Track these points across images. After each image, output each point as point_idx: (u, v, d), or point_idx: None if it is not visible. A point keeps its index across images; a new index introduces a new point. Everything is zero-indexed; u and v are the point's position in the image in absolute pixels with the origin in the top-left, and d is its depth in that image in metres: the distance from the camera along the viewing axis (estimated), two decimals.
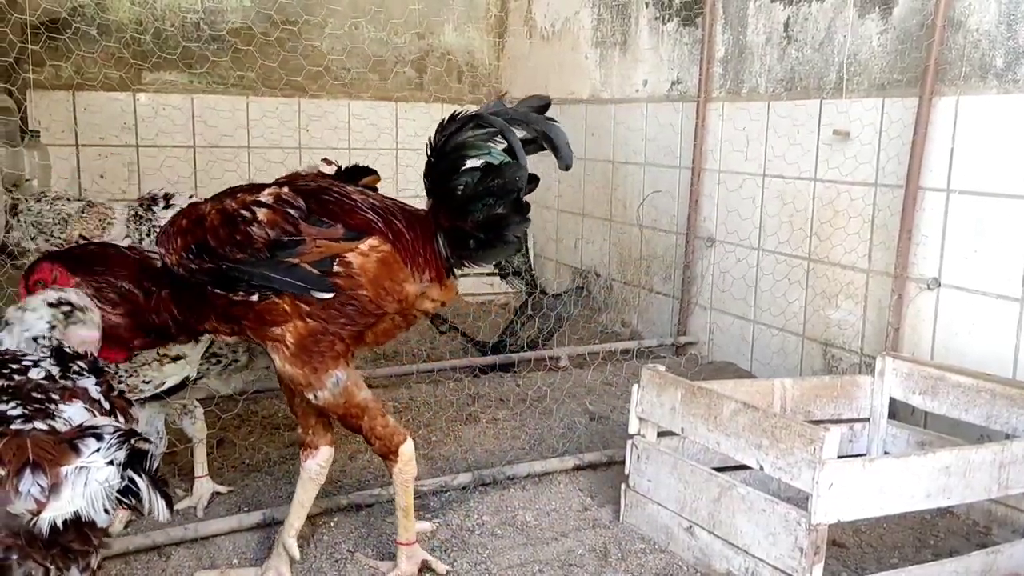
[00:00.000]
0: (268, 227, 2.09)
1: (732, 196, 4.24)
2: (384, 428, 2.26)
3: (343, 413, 2.23)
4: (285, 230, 2.09)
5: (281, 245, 2.08)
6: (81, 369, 1.69)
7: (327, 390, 2.18)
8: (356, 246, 2.12)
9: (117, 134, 5.11)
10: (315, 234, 2.10)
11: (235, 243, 2.09)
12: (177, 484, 2.88)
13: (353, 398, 2.21)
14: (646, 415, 2.66)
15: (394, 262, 2.15)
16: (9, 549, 1.31)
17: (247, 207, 2.11)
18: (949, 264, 3.22)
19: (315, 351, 2.14)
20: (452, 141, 2.12)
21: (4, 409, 1.43)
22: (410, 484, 2.32)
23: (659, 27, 4.71)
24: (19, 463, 1.29)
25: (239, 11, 5.36)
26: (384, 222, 2.17)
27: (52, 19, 4.84)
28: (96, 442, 1.34)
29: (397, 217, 2.21)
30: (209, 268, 2.10)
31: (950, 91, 3.19)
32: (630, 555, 2.55)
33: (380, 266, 2.13)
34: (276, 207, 2.11)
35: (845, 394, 2.98)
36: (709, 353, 4.45)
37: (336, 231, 2.11)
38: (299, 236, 2.09)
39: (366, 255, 2.12)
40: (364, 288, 2.12)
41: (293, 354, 2.14)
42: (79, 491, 1.31)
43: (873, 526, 2.75)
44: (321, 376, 2.16)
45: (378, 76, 5.78)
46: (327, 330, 2.13)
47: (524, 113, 2.12)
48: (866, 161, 3.53)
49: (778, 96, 3.96)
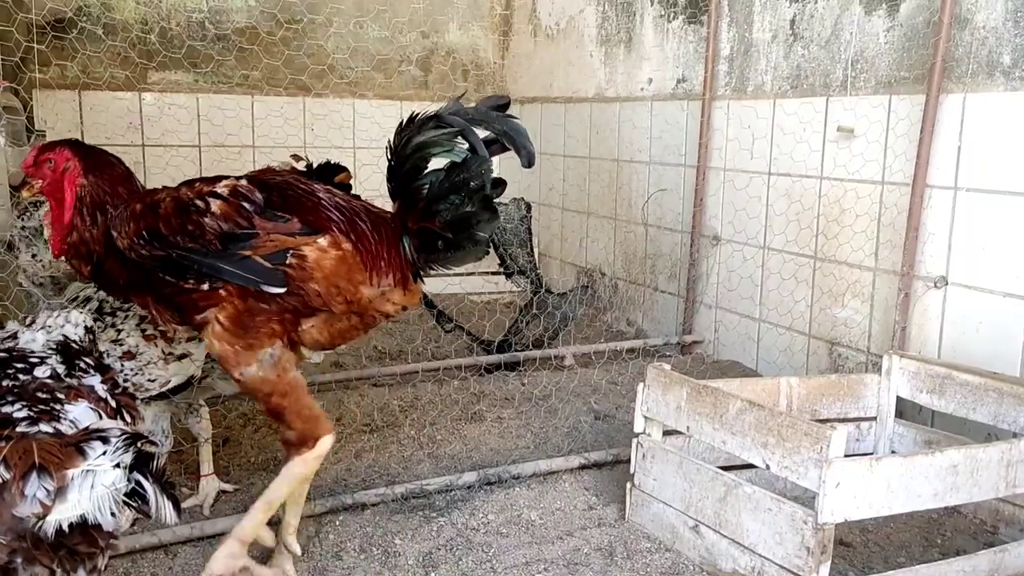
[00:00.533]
0: (221, 219, 2.06)
1: (738, 194, 4.22)
2: (311, 411, 2.18)
3: (269, 391, 2.14)
4: (238, 223, 2.06)
5: (234, 238, 2.06)
6: (87, 367, 1.69)
7: (255, 366, 2.12)
8: (313, 240, 2.09)
9: (123, 133, 5.12)
10: (269, 228, 2.07)
11: (186, 232, 2.06)
12: (183, 483, 2.89)
13: (285, 374, 2.15)
14: (652, 414, 2.65)
15: (353, 263, 2.12)
16: (14, 553, 1.31)
17: (202, 197, 2.09)
18: (956, 262, 3.20)
19: (250, 328, 2.10)
20: (413, 142, 2.10)
21: (9, 411, 1.43)
22: (298, 480, 2.21)
23: (664, 25, 4.70)
24: (25, 466, 1.28)
25: (244, 10, 5.36)
26: (347, 222, 2.15)
27: (58, 18, 4.85)
28: (102, 445, 1.34)
29: (361, 218, 2.18)
30: (159, 255, 2.07)
31: (957, 88, 3.17)
32: (636, 554, 2.54)
33: (337, 264, 2.10)
34: (231, 199, 2.08)
35: (852, 393, 2.97)
36: (715, 352, 4.44)
37: (292, 226, 2.09)
38: (252, 229, 2.06)
39: (324, 251, 2.10)
40: (316, 283, 2.09)
41: (226, 330, 2.10)
42: (85, 494, 1.30)
43: (880, 525, 2.74)
44: (254, 351, 2.11)
45: (383, 75, 5.78)
46: (262, 309, 2.09)
47: (484, 112, 2.09)
48: (873, 159, 3.52)
49: (784, 94, 3.94)
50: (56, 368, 1.63)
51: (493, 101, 2.13)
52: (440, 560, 2.47)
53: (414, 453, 3.20)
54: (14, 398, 1.47)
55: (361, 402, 3.62)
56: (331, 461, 3.07)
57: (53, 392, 1.54)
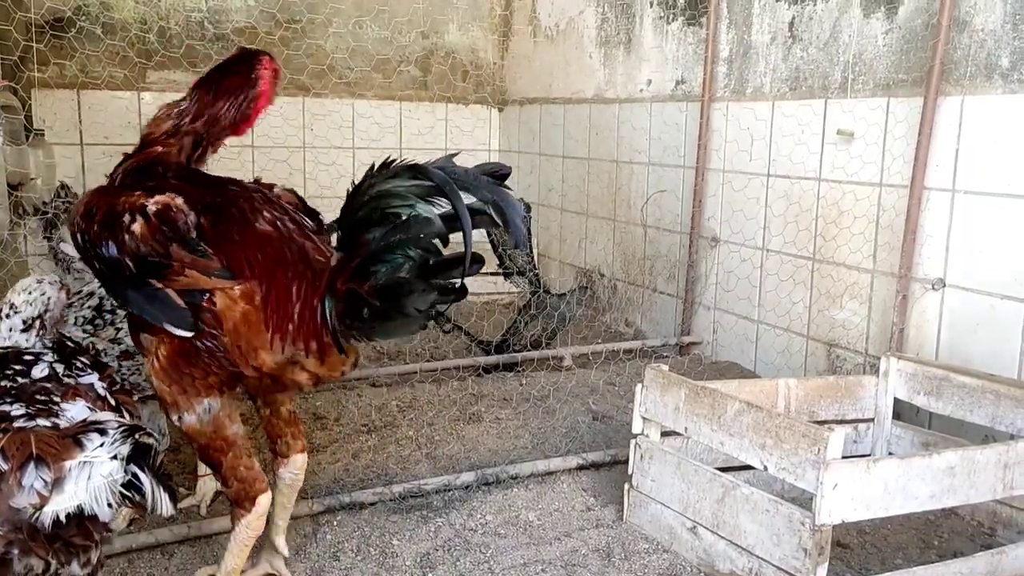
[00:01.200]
0: (140, 241, 1.82)
1: (736, 196, 4.23)
2: (248, 471, 2.00)
3: (205, 444, 1.97)
4: (154, 249, 1.82)
5: (147, 264, 1.83)
6: (84, 365, 1.69)
7: (195, 416, 1.93)
8: (229, 286, 1.84)
9: (121, 133, 5.10)
10: (187, 261, 1.83)
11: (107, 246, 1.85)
12: (180, 483, 2.89)
13: (222, 431, 1.96)
14: (650, 415, 2.66)
15: (255, 321, 1.85)
16: (11, 544, 1.32)
17: (130, 211, 1.85)
18: (954, 264, 3.21)
19: (186, 373, 1.89)
20: (376, 187, 1.81)
21: (8, 410, 1.44)
22: (250, 542, 2.06)
23: (663, 26, 4.70)
24: (22, 457, 1.29)
25: (243, 10, 5.36)
26: (265, 268, 1.87)
27: (57, 18, 4.85)
28: (100, 437, 1.35)
29: (288, 265, 1.90)
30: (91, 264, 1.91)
31: (955, 91, 3.18)
32: (634, 555, 2.54)
33: (241, 320, 1.85)
34: (153, 220, 1.84)
35: (849, 394, 2.97)
36: (713, 353, 4.44)
37: (211, 263, 1.84)
38: (168, 259, 1.83)
39: (234, 301, 1.84)
40: (226, 335, 1.85)
41: (163, 368, 1.90)
42: (82, 485, 1.31)
43: (877, 527, 2.74)
44: (190, 399, 1.91)
45: (382, 75, 5.79)
46: (200, 357, 1.88)
47: (474, 176, 1.77)
48: (871, 161, 3.52)
49: (783, 96, 3.95)
50: (54, 367, 1.64)
51: (491, 168, 1.82)
52: (438, 561, 2.47)
53: (412, 453, 3.20)
54: (12, 399, 1.48)
55: (359, 402, 3.62)
56: (329, 461, 3.08)
57: (50, 394, 1.55)
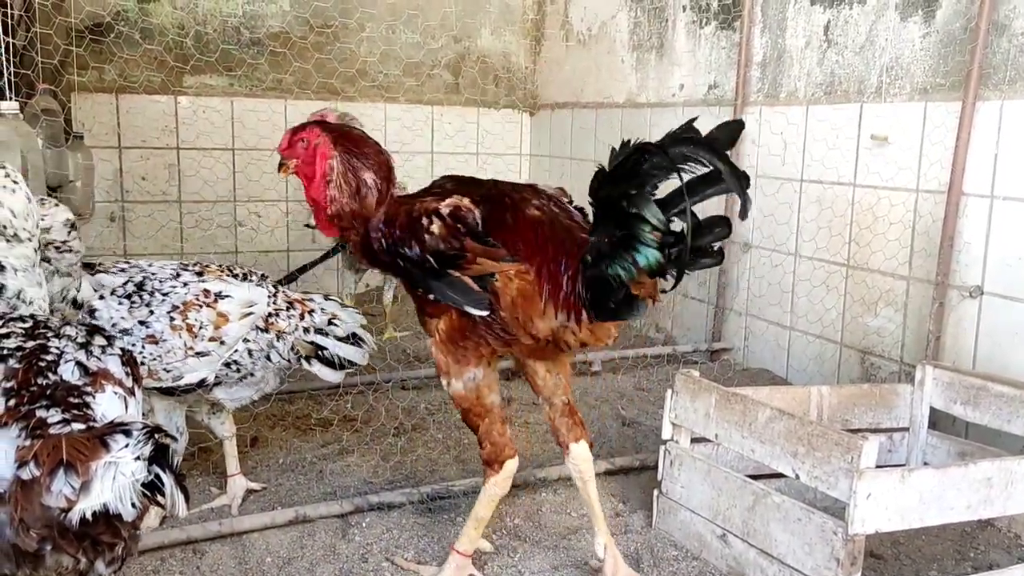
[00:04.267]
0: (439, 238, 2.11)
1: (769, 201, 4.19)
2: (500, 436, 2.28)
3: (468, 407, 2.26)
4: (452, 244, 2.10)
5: (444, 257, 2.10)
6: (102, 346, 1.72)
7: (461, 382, 2.22)
8: (516, 268, 2.10)
9: (158, 136, 5.19)
10: (479, 252, 2.10)
11: (411, 246, 2.14)
12: (212, 483, 2.92)
13: (482, 399, 2.25)
14: (680, 420, 2.64)
15: (532, 294, 2.10)
16: (44, 540, 1.36)
17: (427, 214, 2.14)
18: (992, 271, 3.15)
19: (460, 345, 2.18)
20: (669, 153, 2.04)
21: (45, 416, 1.48)
22: (496, 499, 2.31)
23: (696, 31, 4.68)
24: (53, 463, 1.33)
25: (278, 15, 5.42)
26: (537, 248, 2.11)
27: (96, 23, 4.93)
28: (125, 438, 1.39)
29: (557, 243, 2.12)
30: (395, 263, 2.19)
31: (994, 95, 3.13)
32: (662, 562, 2.52)
33: (517, 294, 2.10)
34: (448, 220, 2.12)
35: (884, 403, 2.93)
36: (744, 359, 4.40)
37: (499, 251, 2.10)
38: (463, 252, 2.10)
39: (509, 279, 2.10)
40: (504, 311, 2.11)
41: (442, 341, 2.20)
42: (107, 485, 1.35)
43: (912, 537, 2.70)
44: (461, 368, 2.21)
45: (414, 79, 5.81)
46: (475, 331, 2.15)
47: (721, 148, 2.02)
48: (907, 166, 3.47)
49: (817, 100, 3.91)
50: (79, 358, 1.66)
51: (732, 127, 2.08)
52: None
53: (440, 456, 3.20)
54: (48, 402, 1.52)
55: (389, 404, 3.64)
56: (358, 463, 3.09)
57: (82, 394, 1.58)
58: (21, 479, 1.34)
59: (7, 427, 1.44)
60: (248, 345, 2.58)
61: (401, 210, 2.19)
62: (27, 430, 1.43)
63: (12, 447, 1.40)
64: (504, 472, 2.28)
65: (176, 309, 2.48)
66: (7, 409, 1.48)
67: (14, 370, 1.56)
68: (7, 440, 1.42)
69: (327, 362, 2.70)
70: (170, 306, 2.48)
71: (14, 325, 1.73)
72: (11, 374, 1.55)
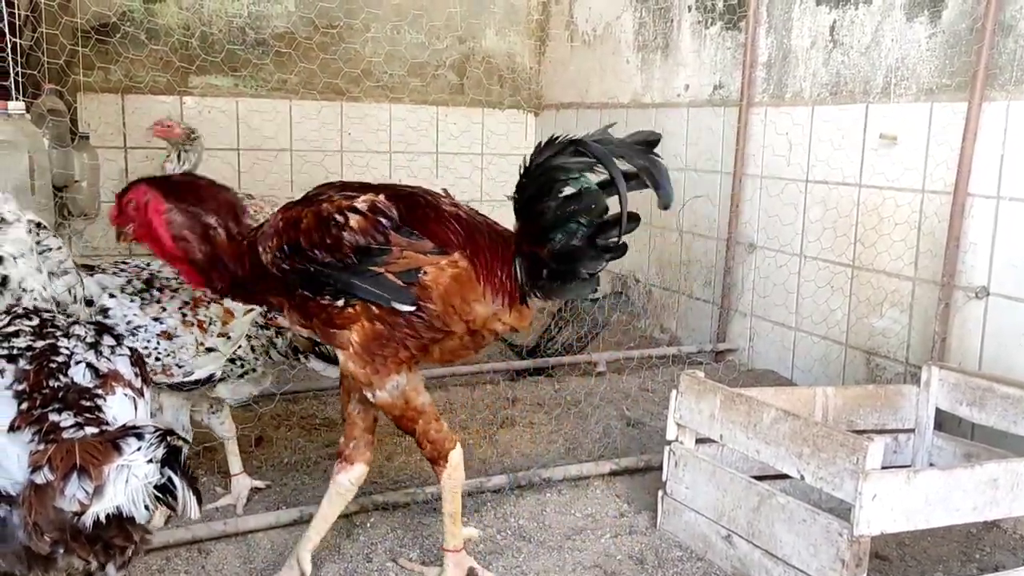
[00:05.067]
0: (359, 234, 2.07)
1: (774, 201, 4.19)
2: (437, 433, 2.26)
3: (399, 415, 2.23)
4: (374, 238, 2.08)
5: (368, 252, 2.07)
6: (112, 347, 1.72)
7: (386, 392, 2.18)
8: (439, 260, 2.09)
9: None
10: (404, 245, 2.08)
11: (325, 246, 2.08)
12: (216, 483, 2.92)
13: (411, 402, 2.21)
14: (684, 421, 2.64)
15: (468, 280, 2.11)
16: (57, 543, 1.37)
17: (341, 211, 2.10)
18: (999, 272, 3.15)
19: (378, 354, 2.14)
20: (546, 164, 2.07)
21: (57, 420, 1.48)
22: (458, 490, 2.32)
23: (702, 31, 4.68)
24: (66, 468, 1.34)
25: (283, 16, 5.43)
26: (467, 237, 2.14)
27: (102, 23, 4.95)
28: (137, 441, 1.39)
29: (481, 233, 2.17)
30: (300, 269, 2.11)
31: (1000, 96, 3.12)
32: (667, 563, 2.52)
33: (452, 282, 2.10)
34: (369, 214, 2.09)
35: (889, 404, 2.92)
36: (749, 360, 4.40)
37: (425, 244, 2.10)
38: (387, 245, 2.08)
39: (442, 269, 2.09)
40: (433, 303, 2.09)
41: (357, 353, 2.14)
42: (120, 488, 1.35)
43: (917, 539, 2.69)
44: (383, 378, 2.16)
45: (419, 80, 5.82)
46: (392, 336, 2.12)
47: (628, 146, 2.06)
48: (913, 167, 3.47)
49: (823, 100, 3.90)
50: (88, 360, 1.66)
51: (642, 136, 2.08)
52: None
53: None
54: (60, 405, 1.52)
55: None
56: None
57: (94, 397, 1.58)
58: (35, 483, 1.35)
59: (20, 431, 1.45)
60: (252, 342, 2.62)
61: (304, 212, 2.13)
62: (40, 434, 1.44)
63: (25, 451, 1.41)
64: (451, 463, 2.28)
65: (187, 305, 2.49)
66: (20, 413, 1.48)
67: (25, 372, 1.56)
68: (20, 444, 1.43)
69: (324, 357, 2.72)
70: (181, 302, 2.50)
71: (21, 323, 1.74)
72: (22, 376, 1.55)
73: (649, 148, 2.07)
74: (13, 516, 1.38)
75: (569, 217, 2.06)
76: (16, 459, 1.40)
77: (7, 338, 1.67)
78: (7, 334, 1.69)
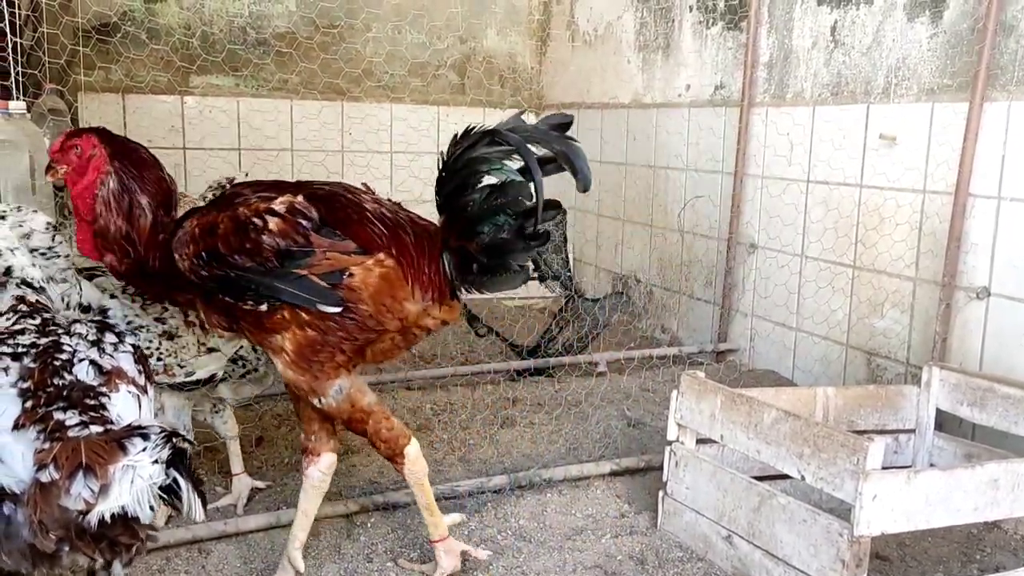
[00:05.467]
0: (279, 236, 2.03)
1: (775, 202, 4.18)
2: (389, 431, 2.23)
3: (348, 419, 2.21)
4: (295, 240, 2.04)
5: (290, 255, 2.03)
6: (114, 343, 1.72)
7: (330, 397, 2.15)
8: (364, 260, 2.06)
9: (165, 136, 5.20)
10: (326, 246, 2.04)
11: (245, 251, 2.04)
12: (216, 483, 2.92)
13: (357, 403, 2.18)
14: (685, 421, 2.63)
15: (396, 279, 2.09)
16: (62, 541, 1.38)
17: (259, 215, 2.05)
18: (1000, 273, 3.14)
19: (315, 360, 2.11)
20: (465, 156, 2.06)
21: (63, 418, 1.48)
22: (424, 481, 2.30)
23: (703, 31, 4.67)
24: (72, 466, 1.34)
25: (284, 16, 5.43)
26: (391, 236, 2.11)
27: (103, 23, 4.95)
28: (143, 441, 1.40)
29: (406, 231, 2.14)
30: (218, 275, 2.06)
31: (1002, 96, 3.12)
32: (667, 563, 2.52)
33: (381, 282, 2.07)
34: (288, 216, 2.05)
35: (890, 404, 2.92)
36: (750, 360, 4.40)
37: (348, 245, 2.06)
38: (309, 247, 2.04)
39: (369, 270, 2.06)
40: (364, 303, 2.06)
41: (293, 361, 2.11)
42: (125, 488, 1.36)
43: (918, 539, 2.69)
44: (323, 383, 2.13)
45: (419, 79, 5.82)
46: (326, 341, 2.08)
47: (543, 131, 2.05)
48: (914, 167, 3.47)
49: (824, 101, 3.90)
50: (92, 357, 1.66)
51: (555, 119, 2.08)
52: (470, 564, 2.47)
53: (446, 456, 3.20)
54: (65, 403, 1.53)
55: (394, 404, 3.64)
56: (363, 463, 3.09)
57: (98, 395, 1.58)
58: (40, 481, 1.36)
59: (25, 429, 1.45)
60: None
61: (220, 217, 2.08)
62: (45, 432, 1.44)
63: (30, 450, 1.41)
64: (409, 457, 2.25)
65: None
66: (24, 411, 1.48)
67: (29, 369, 1.56)
68: (25, 443, 1.43)
69: None
70: None
71: (26, 321, 1.74)
72: (27, 374, 1.55)
73: (563, 131, 2.06)
74: (18, 514, 1.39)
75: (496, 210, 2.05)
76: (21, 457, 1.41)
77: (11, 335, 1.67)
78: (12, 331, 1.69)
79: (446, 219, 2.15)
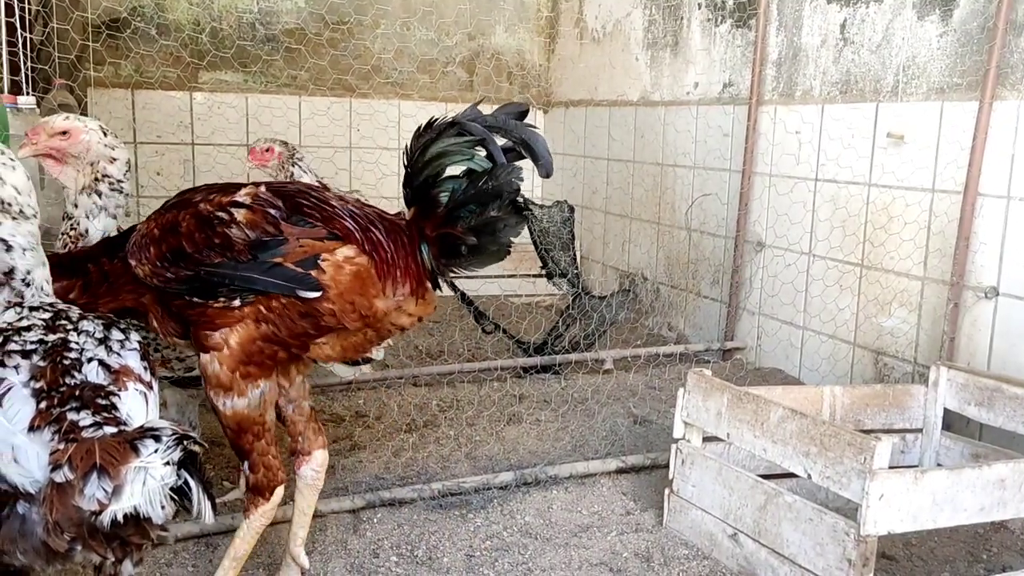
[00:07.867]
0: (248, 228, 1.98)
1: (783, 200, 4.18)
2: (274, 459, 2.12)
3: (247, 428, 2.08)
4: (266, 230, 1.99)
5: (263, 246, 1.98)
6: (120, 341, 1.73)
7: (246, 400, 2.05)
8: (338, 246, 2.02)
9: (174, 131, 5.22)
10: (298, 233, 2.00)
11: (213, 247, 1.98)
12: (224, 476, 2.93)
13: (265, 415, 2.09)
14: (691, 419, 2.63)
15: (367, 276, 2.04)
16: (75, 540, 1.40)
17: (223, 208, 2.01)
18: (1008, 272, 3.13)
19: (255, 356, 2.02)
20: (431, 149, 2.06)
21: (76, 419, 1.50)
22: (258, 533, 2.15)
23: (711, 29, 4.66)
24: (86, 467, 1.36)
25: (293, 12, 5.44)
26: (362, 231, 2.07)
27: (113, 18, 4.97)
28: (155, 443, 1.41)
29: (376, 226, 2.10)
30: (186, 276, 1.99)
31: (1011, 95, 3.11)
32: (673, 561, 2.52)
33: (352, 279, 2.02)
34: (255, 207, 2.01)
35: (897, 404, 2.92)
36: (756, 359, 4.39)
37: (319, 231, 2.02)
38: (281, 236, 1.99)
39: (340, 266, 2.01)
40: (329, 301, 2.00)
41: (231, 354, 2.01)
42: (138, 489, 1.38)
43: (924, 539, 2.69)
44: (247, 384, 2.04)
45: (428, 76, 5.83)
46: (276, 336, 2.02)
47: (503, 120, 2.07)
48: (923, 166, 3.45)
49: (832, 99, 3.89)
50: (100, 357, 1.67)
51: (512, 109, 2.11)
52: (476, 560, 2.47)
53: (452, 452, 3.21)
54: (78, 404, 1.54)
55: (400, 401, 3.65)
56: (370, 459, 3.10)
57: (108, 394, 1.60)
58: (55, 482, 1.37)
59: (40, 430, 1.47)
60: None
61: (182, 216, 2.02)
62: (60, 433, 1.46)
63: (45, 450, 1.43)
64: (274, 500, 2.13)
65: None
66: (38, 412, 1.50)
67: (40, 368, 1.57)
68: (40, 443, 1.45)
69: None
70: None
71: (35, 316, 1.74)
72: (38, 373, 1.56)
73: (520, 119, 2.09)
74: (32, 513, 1.41)
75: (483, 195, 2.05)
76: (36, 457, 1.43)
77: (19, 332, 1.68)
78: (20, 328, 1.70)
79: (418, 210, 2.12)
